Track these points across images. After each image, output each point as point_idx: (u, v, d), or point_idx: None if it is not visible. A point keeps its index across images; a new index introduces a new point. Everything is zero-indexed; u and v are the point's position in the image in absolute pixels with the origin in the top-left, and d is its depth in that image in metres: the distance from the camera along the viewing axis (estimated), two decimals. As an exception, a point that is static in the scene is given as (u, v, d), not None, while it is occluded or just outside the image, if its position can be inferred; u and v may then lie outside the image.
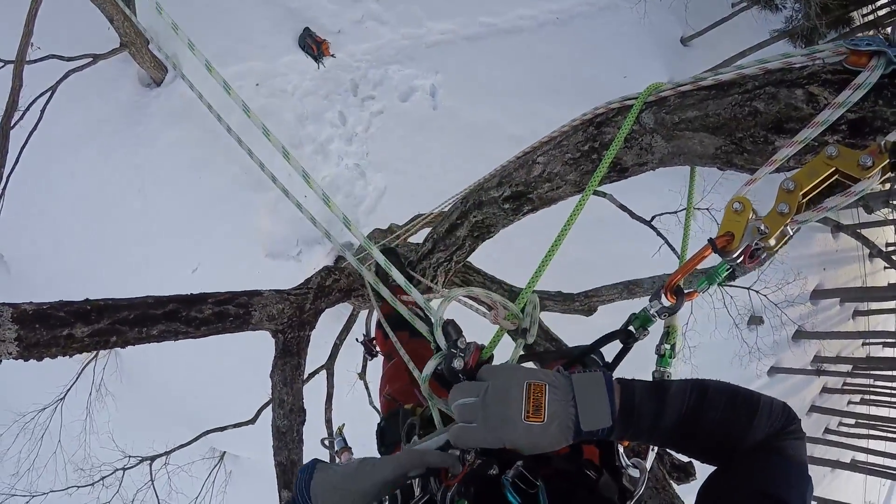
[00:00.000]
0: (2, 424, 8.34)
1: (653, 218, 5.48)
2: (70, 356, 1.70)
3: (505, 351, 1.19)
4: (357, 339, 2.65)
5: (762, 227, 0.90)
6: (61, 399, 8.07)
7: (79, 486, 7.57)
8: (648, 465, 1.28)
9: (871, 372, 19.14)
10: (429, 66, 9.34)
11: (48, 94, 5.94)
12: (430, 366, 0.97)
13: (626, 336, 1.07)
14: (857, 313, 19.17)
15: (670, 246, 5.22)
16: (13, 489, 7.99)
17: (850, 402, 20.37)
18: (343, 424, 2.16)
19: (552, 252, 1.07)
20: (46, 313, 1.57)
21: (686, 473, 2.24)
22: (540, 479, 0.87)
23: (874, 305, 18.65)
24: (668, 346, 1.20)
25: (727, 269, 0.98)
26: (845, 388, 19.87)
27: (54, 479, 7.97)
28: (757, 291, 8.86)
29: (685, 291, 1.00)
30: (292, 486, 0.93)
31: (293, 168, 0.95)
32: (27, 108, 5.82)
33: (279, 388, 2.09)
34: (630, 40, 10.87)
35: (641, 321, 1.05)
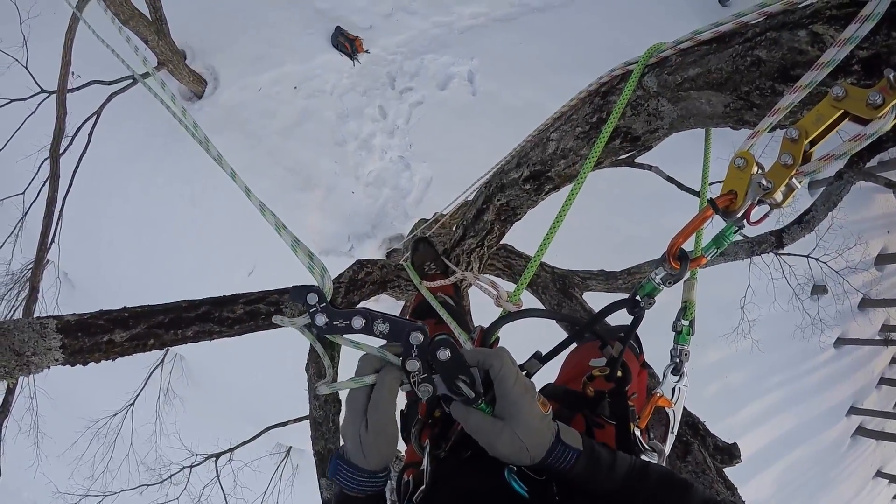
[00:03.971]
0: (76, 431, 8.73)
1: (703, 188, 5.29)
2: (112, 360, 1.80)
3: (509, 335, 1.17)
4: None
5: (764, 183, 0.84)
6: (131, 404, 8.48)
7: (149, 485, 7.93)
8: (668, 448, 1.24)
9: (943, 341, 17.91)
10: (464, 52, 9.23)
11: (94, 118, 6.20)
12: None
13: (633, 306, 1.03)
14: (926, 278, 17.95)
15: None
16: (88, 490, 8.40)
17: (921, 374, 19.14)
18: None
19: (551, 234, 1.04)
20: (88, 322, 1.67)
21: (731, 456, 2.15)
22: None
23: (945, 270, 17.42)
24: (685, 323, 1.14)
25: (735, 231, 0.93)
26: (917, 358, 18.65)
27: (127, 480, 8.34)
28: (816, 259, 8.43)
29: (692, 257, 0.95)
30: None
31: (267, 221, 0.99)
32: (75, 134, 6.10)
33: (314, 380, 2.13)
34: (666, 4, 10.47)
35: (647, 290, 1.01)
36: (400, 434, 1.34)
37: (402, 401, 1.55)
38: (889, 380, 17.95)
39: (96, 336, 1.66)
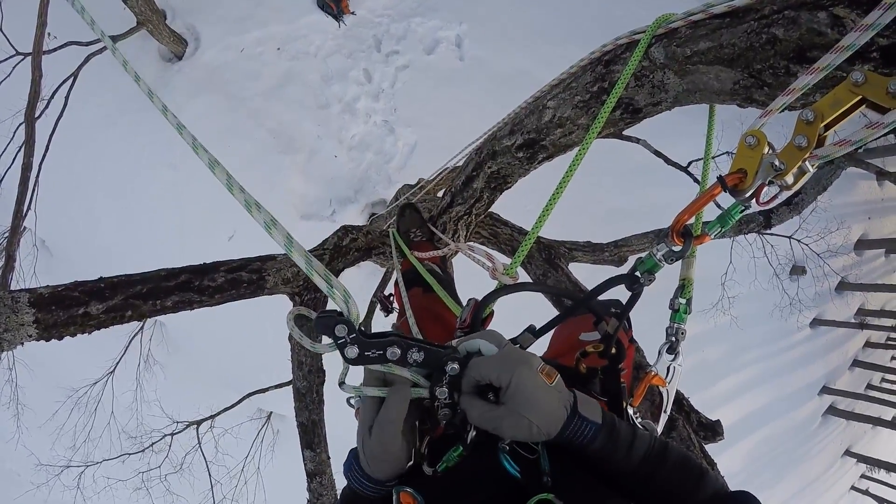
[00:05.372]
0: (57, 401, 8.66)
1: (689, 164, 5.32)
2: (89, 333, 1.74)
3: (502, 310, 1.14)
4: (373, 297, 2.63)
5: (777, 163, 0.82)
6: (111, 372, 8.38)
7: (130, 454, 7.93)
8: (660, 428, 1.23)
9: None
10: (452, 17, 9.04)
11: (70, 80, 6.00)
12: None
13: (632, 281, 1.01)
14: (903, 266, 18.37)
15: (708, 192, 5.16)
16: (70, 461, 8.38)
17: (893, 358, 19.67)
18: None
19: (552, 202, 1.00)
20: (62, 295, 1.61)
21: (714, 433, 2.18)
22: (541, 443, 0.84)
23: (922, 258, 17.81)
24: (682, 301, 1.13)
25: (741, 210, 0.90)
26: (889, 342, 19.07)
27: (109, 449, 8.33)
28: (798, 240, 8.52)
29: (694, 235, 0.92)
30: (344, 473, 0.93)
31: (275, 240, 0.89)
32: (51, 97, 5.92)
33: (297, 349, 2.10)
34: (661, -21, 10.32)
35: (648, 266, 0.98)
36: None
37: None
38: (862, 362, 18.49)
39: (71, 309, 1.61)
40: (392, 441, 0.83)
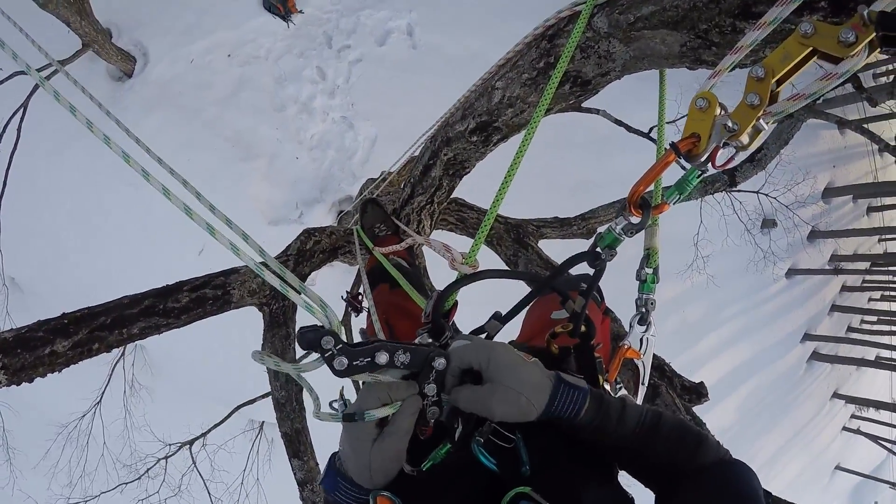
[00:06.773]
0: (48, 439, 8.48)
1: (651, 129, 5.33)
2: (59, 371, 1.71)
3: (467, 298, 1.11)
4: (342, 297, 2.59)
5: (730, 124, 0.79)
6: (98, 403, 8.22)
7: (127, 483, 7.74)
8: (639, 400, 1.22)
9: (890, 268, 18.67)
10: (401, 6, 8.96)
11: (20, 111, 5.80)
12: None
13: (594, 258, 0.99)
14: (871, 209, 18.47)
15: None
16: (68, 499, 8.14)
17: (870, 300, 20.01)
18: (343, 387, 2.12)
19: (504, 188, 0.97)
20: (26, 337, 1.60)
21: (698, 395, 2.18)
22: (517, 431, 0.82)
23: (888, 201, 17.93)
24: (649, 271, 1.12)
25: (698, 175, 0.88)
26: (865, 285, 19.42)
27: (106, 480, 8.15)
28: (766, 195, 8.63)
29: (653, 204, 0.90)
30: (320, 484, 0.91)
31: (196, 223, 0.84)
32: (3, 131, 5.72)
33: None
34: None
35: (608, 241, 0.96)
36: None
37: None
38: (840, 306, 18.93)
39: (37, 350, 1.59)
40: (403, 450, 0.83)
